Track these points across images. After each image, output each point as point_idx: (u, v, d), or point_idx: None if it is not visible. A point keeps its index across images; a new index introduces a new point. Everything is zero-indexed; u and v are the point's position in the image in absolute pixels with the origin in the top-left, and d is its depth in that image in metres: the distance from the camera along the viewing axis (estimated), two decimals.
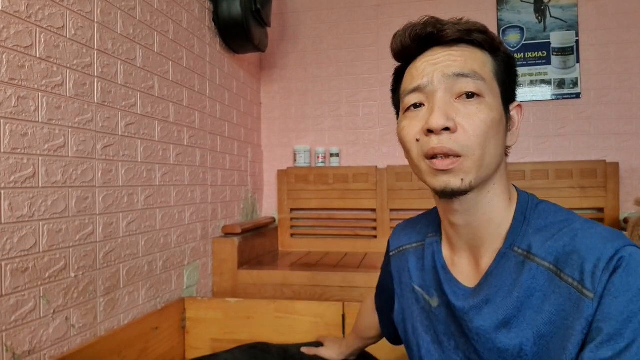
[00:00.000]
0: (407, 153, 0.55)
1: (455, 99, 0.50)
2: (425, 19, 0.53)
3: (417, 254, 0.65)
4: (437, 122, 0.49)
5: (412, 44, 0.54)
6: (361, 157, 2.19)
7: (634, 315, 0.41)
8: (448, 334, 0.58)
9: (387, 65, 2.36)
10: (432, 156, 0.50)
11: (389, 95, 0.64)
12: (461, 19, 0.53)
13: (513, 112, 0.56)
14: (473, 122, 0.49)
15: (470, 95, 0.50)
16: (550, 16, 2.03)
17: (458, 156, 0.49)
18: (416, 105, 0.53)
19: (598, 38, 1.99)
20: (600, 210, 1.90)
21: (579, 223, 0.50)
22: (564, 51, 2.02)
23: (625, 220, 1.82)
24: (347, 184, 2.10)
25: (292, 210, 2.18)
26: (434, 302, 0.60)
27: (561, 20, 2.03)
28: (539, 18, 2.04)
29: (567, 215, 0.52)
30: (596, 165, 1.90)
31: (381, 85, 2.16)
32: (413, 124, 0.53)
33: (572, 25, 2.01)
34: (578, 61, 2.00)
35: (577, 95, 2.00)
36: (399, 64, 0.60)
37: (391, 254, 0.72)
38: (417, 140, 0.52)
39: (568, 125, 2.01)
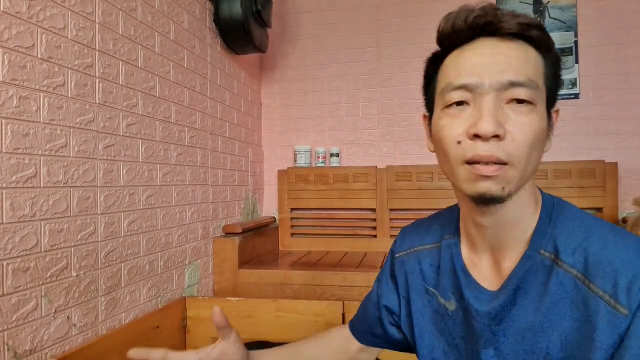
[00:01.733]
0: (443, 154, 0.51)
1: (506, 103, 0.47)
2: (483, 4, 0.50)
3: (432, 256, 0.63)
4: (487, 128, 0.45)
5: (467, 30, 0.50)
6: (361, 157, 2.20)
7: None
8: (466, 338, 0.57)
9: (387, 66, 2.38)
10: (476, 162, 0.47)
11: (389, 95, 0.62)
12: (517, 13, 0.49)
13: (554, 116, 0.54)
14: (523, 131, 0.46)
15: (521, 101, 0.47)
16: (549, 17, 2.04)
17: (504, 164, 0.46)
18: (460, 103, 0.49)
19: (597, 39, 1.99)
20: (599, 210, 1.91)
21: (609, 230, 0.48)
22: (562, 51, 2.02)
23: (624, 220, 1.83)
24: (347, 184, 2.10)
25: (292, 209, 2.18)
26: (451, 305, 0.58)
27: (560, 20, 2.03)
28: (538, 19, 2.05)
29: (594, 219, 0.50)
30: (595, 165, 1.90)
31: (381, 85, 2.16)
32: (455, 124, 0.49)
33: (571, 26, 2.02)
34: (577, 61, 2.01)
35: (576, 96, 2.01)
36: (438, 49, 0.55)
37: (397, 255, 0.69)
38: (459, 143, 0.48)
39: (567, 125, 2.02)
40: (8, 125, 0.81)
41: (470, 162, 0.47)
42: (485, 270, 0.56)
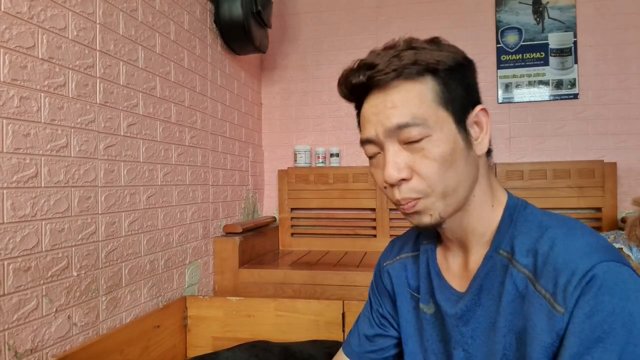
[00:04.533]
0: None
1: (403, 144, 0.51)
2: (364, 60, 0.54)
3: (415, 262, 0.66)
4: (391, 177, 0.51)
5: (350, 95, 0.56)
6: (361, 157, 2.20)
7: (606, 336, 0.41)
8: (444, 341, 0.58)
9: None
10: (399, 204, 0.53)
11: None
12: (402, 40, 0.53)
13: (480, 118, 0.53)
14: (423, 164, 0.50)
15: (415, 140, 0.50)
16: (549, 17, 2.04)
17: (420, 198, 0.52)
18: (374, 154, 0.55)
19: (596, 39, 2.00)
20: (598, 209, 1.91)
21: (561, 230, 0.48)
22: (562, 52, 2.03)
23: (623, 220, 1.83)
24: (347, 184, 2.11)
25: (292, 209, 2.18)
26: (430, 309, 0.60)
27: (559, 21, 2.04)
28: (537, 19, 2.05)
29: (552, 220, 0.51)
30: (594, 165, 1.91)
31: None
32: (377, 173, 0.55)
33: (570, 26, 2.02)
34: (576, 62, 2.02)
35: (575, 96, 2.01)
36: None
37: (385, 264, 0.70)
38: (385, 187, 0.54)
39: (566, 125, 2.02)
40: (9, 126, 0.82)
41: (396, 204, 0.54)
42: (456, 272, 0.58)
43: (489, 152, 0.56)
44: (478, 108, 0.53)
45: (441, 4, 2.10)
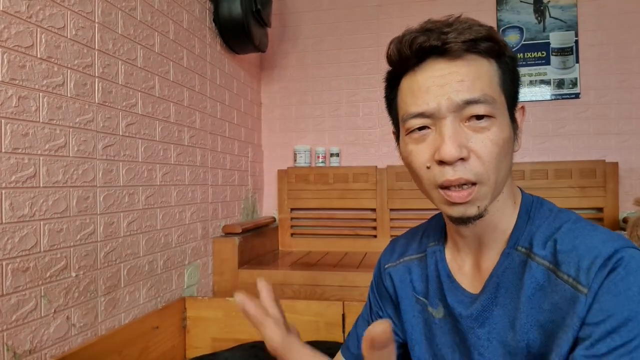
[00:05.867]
0: (416, 177, 0.53)
1: (465, 121, 0.48)
2: (427, 25, 0.50)
3: (420, 265, 0.63)
4: (451, 154, 0.46)
5: (413, 57, 0.50)
6: (361, 157, 2.20)
7: (636, 314, 0.41)
8: (453, 347, 0.56)
9: (387, 65, 2.36)
10: (447, 187, 0.48)
11: None
12: (461, 18, 0.50)
13: (517, 115, 0.53)
14: (485, 146, 0.47)
15: (480, 117, 0.47)
16: (550, 16, 2.04)
17: (473, 184, 0.47)
18: (421, 127, 0.50)
19: (597, 38, 1.99)
20: (600, 210, 1.91)
21: (581, 224, 0.49)
22: (563, 51, 2.02)
23: (625, 220, 1.82)
24: (347, 184, 2.10)
25: (292, 209, 2.18)
26: (438, 313, 0.58)
27: (560, 20, 2.03)
28: (539, 18, 2.05)
29: (570, 215, 0.52)
30: (595, 165, 1.90)
31: (381, 85, 2.13)
32: (421, 150, 0.50)
33: (572, 26, 2.01)
34: (577, 61, 2.01)
35: (577, 95, 2.01)
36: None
37: (386, 266, 0.67)
38: (428, 168, 0.49)
39: (567, 125, 2.02)
40: (7, 125, 0.81)
41: (442, 187, 0.49)
42: (468, 273, 0.57)
43: None
44: (520, 105, 0.53)
45: (442, 3, 2.10)
